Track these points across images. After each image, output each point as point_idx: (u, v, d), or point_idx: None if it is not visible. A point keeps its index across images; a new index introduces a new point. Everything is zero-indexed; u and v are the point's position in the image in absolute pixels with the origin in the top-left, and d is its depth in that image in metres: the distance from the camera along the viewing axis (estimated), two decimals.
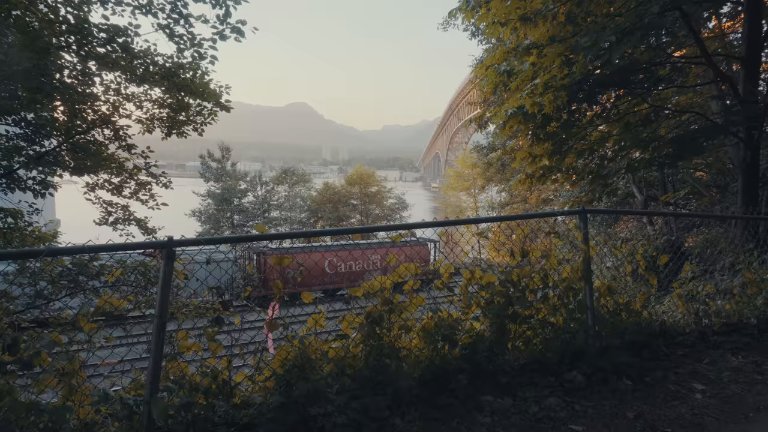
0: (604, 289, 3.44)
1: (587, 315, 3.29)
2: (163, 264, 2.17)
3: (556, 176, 8.29)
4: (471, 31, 15.82)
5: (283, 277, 2.50)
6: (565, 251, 3.39)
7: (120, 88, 8.08)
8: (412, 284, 2.86)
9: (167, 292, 2.17)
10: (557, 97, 6.19)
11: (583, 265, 3.24)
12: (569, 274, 3.27)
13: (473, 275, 3.00)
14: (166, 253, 2.16)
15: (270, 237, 2.33)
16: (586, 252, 3.25)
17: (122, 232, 9.14)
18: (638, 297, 3.62)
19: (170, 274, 2.18)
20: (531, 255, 3.15)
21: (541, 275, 3.21)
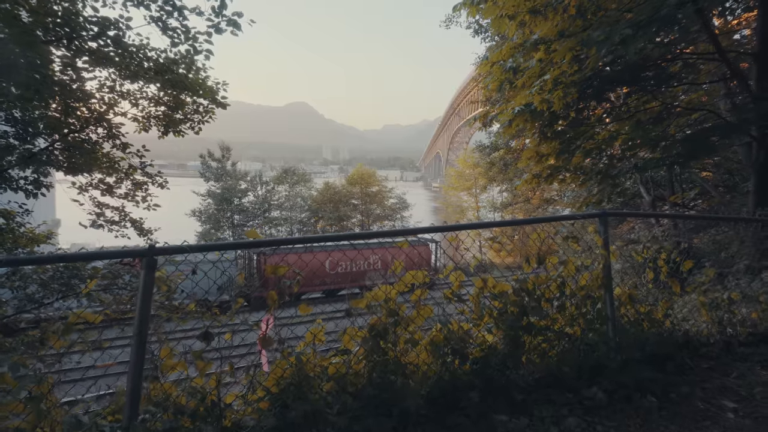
0: (625, 297, 3.20)
1: (607, 326, 3.05)
2: (143, 274, 1.94)
3: (563, 176, 8.06)
4: (474, 28, 15.60)
5: (278, 289, 2.27)
6: (583, 257, 3.15)
7: (115, 85, 7.86)
8: (420, 294, 2.63)
9: (147, 306, 1.94)
10: (567, 94, 5.96)
11: (604, 272, 3.01)
12: (588, 282, 3.03)
13: (485, 284, 2.76)
14: (147, 262, 1.93)
15: (263, 243, 2.10)
16: (606, 258, 3.01)
17: (117, 233, 8.92)
18: (660, 305, 3.39)
19: (151, 285, 1.95)
20: (548, 261, 2.91)
21: (558, 283, 2.97)
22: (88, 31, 5.34)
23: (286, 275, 2.30)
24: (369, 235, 2.42)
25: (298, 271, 2.24)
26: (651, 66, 7.11)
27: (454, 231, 2.61)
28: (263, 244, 2.08)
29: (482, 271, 3.12)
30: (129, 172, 8.75)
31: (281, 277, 2.19)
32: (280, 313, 2.47)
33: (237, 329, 2.22)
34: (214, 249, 2.02)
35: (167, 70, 6.13)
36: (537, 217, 2.91)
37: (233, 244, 1.97)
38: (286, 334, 2.35)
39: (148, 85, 6.97)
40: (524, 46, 6.73)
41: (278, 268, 2.18)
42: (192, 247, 1.99)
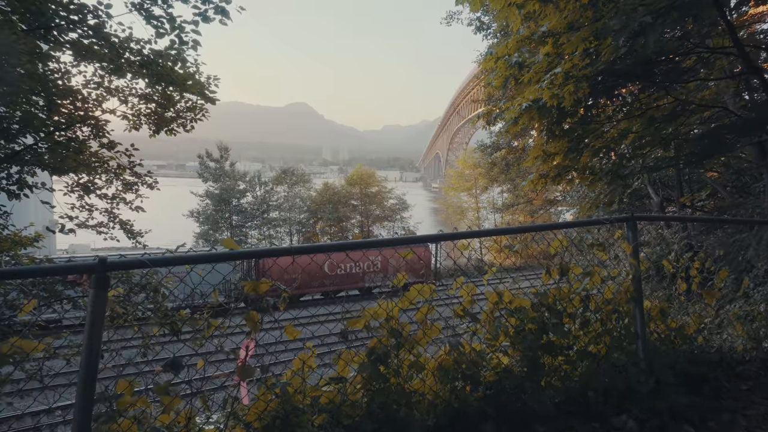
0: (655, 312, 2.86)
1: (637, 344, 2.71)
2: (91, 295, 1.59)
3: (570, 176, 7.70)
4: (475, 25, 15.26)
5: (260, 307, 1.92)
6: (609, 267, 2.81)
7: (103, 81, 7.52)
8: (426, 310, 2.28)
9: (97, 334, 1.59)
10: (578, 89, 5.61)
11: (633, 284, 2.66)
12: (615, 295, 2.69)
13: (501, 298, 2.42)
14: (96, 279, 1.59)
15: (244, 255, 1.76)
16: (636, 267, 2.67)
17: (106, 236, 8.56)
18: (692, 319, 3.04)
19: (102, 308, 1.60)
20: (571, 272, 2.57)
21: (582, 296, 2.62)
22: (64, 19, 4.99)
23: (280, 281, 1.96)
24: (377, 244, 2.05)
25: (283, 287, 1.89)
26: (663, 60, 6.77)
27: (468, 238, 2.26)
28: (240, 256, 1.73)
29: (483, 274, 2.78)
30: (118, 172, 8.40)
31: (262, 295, 1.84)
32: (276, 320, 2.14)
33: (210, 358, 1.87)
34: (179, 262, 1.68)
35: (152, 62, 5.78)
36: (562, 221, 2.60)
37: (205, 257, 1.61)
38: (270, 359, 2.01)
39: (134, 80, 6.62)
40: (531, 39, 6.38)
41: (259, 284, 1.83)
42: (154, 260, 1.65)
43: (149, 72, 5.82)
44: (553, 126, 6.87)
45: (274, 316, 1.95)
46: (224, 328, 1.81)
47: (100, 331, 1.61)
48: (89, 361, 1.58)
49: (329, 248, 2.07)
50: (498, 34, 14.40)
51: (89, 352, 1.58)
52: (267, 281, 1.93)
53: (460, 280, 2.38)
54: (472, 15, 15.55)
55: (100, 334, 1.61)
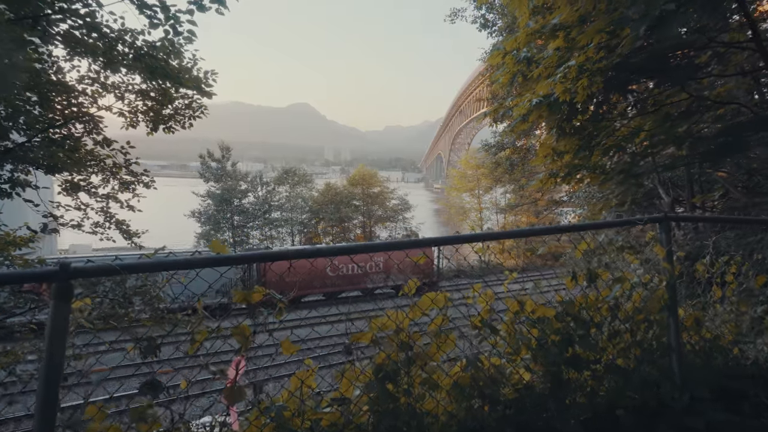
0: (690, 321, 2.60)
1: (671, 357, 2.45)
2: (52, 307, 1.35)
3: (580, 175, 7.44)
4: (480, 22, 15.00)
5: (255, 314, 1.68)
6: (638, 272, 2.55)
7: (99, 77, 7.29)
8: (441, 321, 2.03)
9: (59, 351, 1.35)
10: (592, 83, 5.36)
11: (668, 291, 2.41)
12: (647, 303, 2.43)
13: (522, 307, 2.17)
14: (57, 289, 1.35)
15: (231, 261, 1.51)
16: (670, 272, 2.42)
17: (102, 236, 8.34)
18: (727, 329, 2.79)
19: (64, 322, 1.36)
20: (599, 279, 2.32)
21: (611, 305, 2.37)
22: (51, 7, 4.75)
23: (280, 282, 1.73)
24: (373, 248, 1.79)
25: (279, 297, 1.65)
26: (679, 55, 6.51)
27: (487, 240, 2.01)
28: (227, 261, 1.49)
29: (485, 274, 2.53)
30: (114, 170, 8.17)
31: (256, 305, 1.60)
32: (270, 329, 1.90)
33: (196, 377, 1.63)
34: (157, 268, 1.44)
35: (146, 55, 5.54)
36: (587, 222, 2.34)
37: (186, 262, 1.39)
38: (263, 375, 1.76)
39: (129, 74, 6.39)
40: (542, 32, 6.13)
41: (251, 294, 1.59)
42: (126, 266, 1.40)
43: (143, 65, 5.58)
44: (563, 123, 6.62)
45: (268, 328, 1.71)
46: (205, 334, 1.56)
47: (62, 348, 1.37)
48: (48, 383, 1.34)
49: (327, 252, 1.82)
50: (503, 32, 14.15)
51: (49, 374, 1.34)
52: (261, 290, 1.68)
53: (477, 287, 2.13)
54: (477, 12, 15.32)
55: (61, 352, 1.36)
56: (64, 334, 1.37)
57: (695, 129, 7.40)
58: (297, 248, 1.90)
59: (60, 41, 5.41)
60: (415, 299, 1.98)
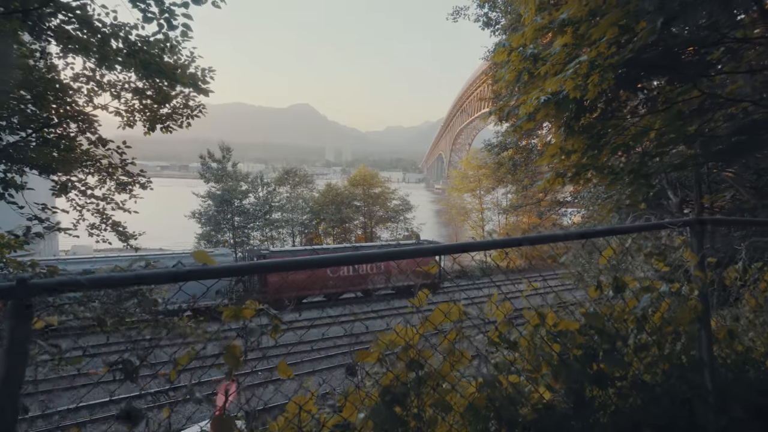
0: (722, 334, 2.40)
1: (703, 373, 2.25)
2: (7, 327, 1.16)
3: (589, 175, 7.24)
4: (483, 21, 14.80)
5: (247, 332, 1.49)
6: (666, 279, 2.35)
7: (94, 75, 7.12)
8: (456, 336, 1.83)
9: (16, 377, 1.16)
10: (603, 79, 5.16)
11: (701, 301, 2.21)
12: (677, 313, 2.23)
13: (543, 320, 1.97)
14: (13, 307, 1.16)
15: (219, 273, 1.32)
16: (703, 280, 2.22)
17: (99, 238, 8.16)
18: (761, 341, 2.59)
19: (23, 344, 1.17)
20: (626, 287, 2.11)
21: (638, 316, 2.17)
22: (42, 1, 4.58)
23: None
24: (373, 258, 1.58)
25: (273, 313, 1.45)
26: (691, 51, 6.32)
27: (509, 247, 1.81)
28: (215, 273, 1.29)
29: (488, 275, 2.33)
30: (111, 171, 7.99)
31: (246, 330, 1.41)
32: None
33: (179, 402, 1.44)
34: (130, 283, 1.25)
35: (140, 50, 5.35)
36: (614, 226, 2.16)
37: (166, 275, 1.20)
38: (256, 402, 1.57)
39: (123, 71, 6.20)
40: (550, 27, 5.93)
41: (241, 309, 1.40)
42: (93, 280, 1.21)
43: (137, 61, 5.39)
44: (571, 122, 6.42)
45: (263, 347, 1.51)
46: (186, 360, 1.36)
47: (20, 375, 1.18)
48: (4, 414, 1.15)
49: (327, 263, 1.62)
50: (506, 31, 13.95)
51: (4, 403, 1.15)
52: (254, 303, 1.49)
53: (494, 297, 1.93)
54: (479, 10, 15.12)
55: (19, 378, 1.17)
56: (23, 357, 1.18)
57: (707, 128, 7.19)
58: (294, 259, 1.68)
59: (52, 37, 5.22)
60: (426, 312, 1.78)
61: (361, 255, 1.65)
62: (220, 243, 33.71)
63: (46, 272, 5.91)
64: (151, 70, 5.55)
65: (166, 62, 5.55)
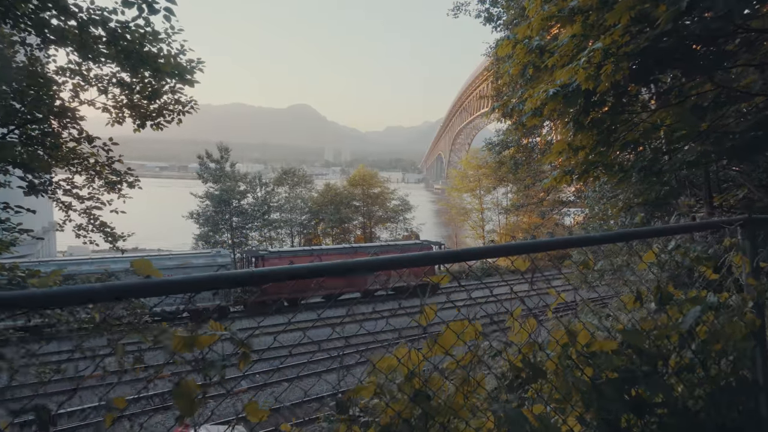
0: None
1: (758, 398, 1.93)
2: None
3: (598, 173, 6.92)
4: (484, 16, 14.48)
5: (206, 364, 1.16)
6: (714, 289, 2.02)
7: (80, 69, 6.78)
8: (470, 359, 1.50)
9: None
10: (617, 69, 4.84)
11: (757, 313, 1.89)
12: (726, 328, 1.91)
13: (574, 338, 1.64)
14: None
15: (189, 286, 0.99)
16: (759, 289, 1.90)
17: (85, 239, 7.82)
18: None
19: None
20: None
21: (683, 332, 1.84)
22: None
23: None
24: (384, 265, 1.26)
25: (240, 339, 1.13)
26: (706, 42, 6.00)
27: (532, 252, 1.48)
28: (183, 287, 0.97)
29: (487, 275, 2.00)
30: (99, 169, 7.66)
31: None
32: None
33: None
34: (79, 300, 0.93)
35: (121, 37, 5.02)
36: (658, 226, 1.84)
37: (130, 288, 0.90)
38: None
39: (107, 62, 5.86)
40: (559, 16, 5.62)
41: (197, 338, 1.07)
42: (26, 297, 0.89)
43: (118, 49, 5.05)
44: (580, 117, 6.10)
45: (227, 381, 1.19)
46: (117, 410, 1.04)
47: None
48: None
49: (328, 270, 1.29)
50: (509, 26, 13.64)
51: None
52: (217, 326, 1.16)
53: (517, 311, 1.60)
54: (480, 6, 14.82)
55: None
56: None
57: (720, 124, 6.89)
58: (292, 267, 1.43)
59: (29, 26, 4.89)
60: (434, 331, 1.45)
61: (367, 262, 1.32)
62: (218, 244, 33.41)
63: (24, 276, 5.59)
64: (133, 60, 5.21)
65: (148, 51, 5.21)
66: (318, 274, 1.27)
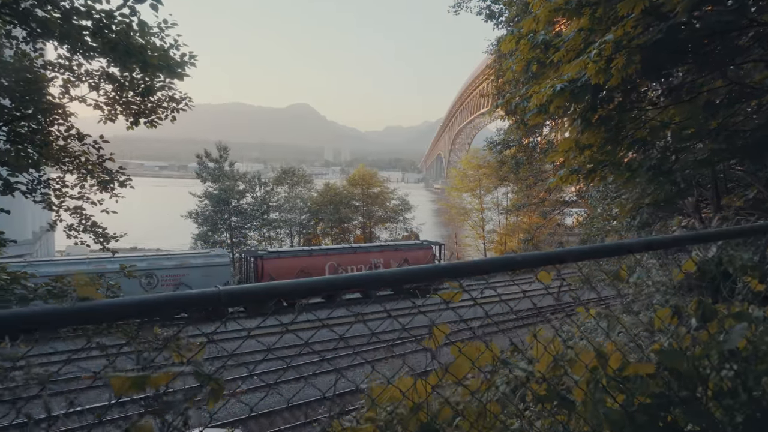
0: None
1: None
2: None
3: (605, 172, 6.69)
4: (485, 14, 14.26)
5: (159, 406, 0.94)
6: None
7: (71, 64, 6.56)
8: (487, 388, 1.28)
9: None
10: (629, 63, 4.61)
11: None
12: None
13: (605, 362, 1.41)
14: None
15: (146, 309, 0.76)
16: None
17: (77, 239, 7.59)
18: None
19: None
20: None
21: (724, 352, 1.62)
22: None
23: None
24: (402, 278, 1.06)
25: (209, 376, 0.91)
26: (717, 37, 5.78)
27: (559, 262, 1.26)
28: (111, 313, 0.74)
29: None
30: (91, 168, 7.43)
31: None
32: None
33: None
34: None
35: (106, 27, 4.78)
36: (701, 232, 1.64)
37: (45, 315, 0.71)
38: None
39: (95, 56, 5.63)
40: (566, 8, 5.40)
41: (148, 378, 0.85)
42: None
43: (104, 41, 4.82)
44: (588, 113, 5.88)
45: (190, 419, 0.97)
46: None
47: None
48: None
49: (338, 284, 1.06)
50: (510, 23, 13.42)
51: None
52: (178, 357, 0.94)
53: (540, 332, 1.38)
54: (482, 3, 14.59)
55: None
56: None
57: (731, 121, 6.68)
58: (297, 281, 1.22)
59: (10, 14, 4.66)
60: (445, 361, 1.22)
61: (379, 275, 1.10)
62: (217, 243, 33.18)
63: (9, 279, 5.37)
64: (120, 52, 4.98)
65: (134, 42, 4.97)
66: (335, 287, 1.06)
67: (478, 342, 1.25)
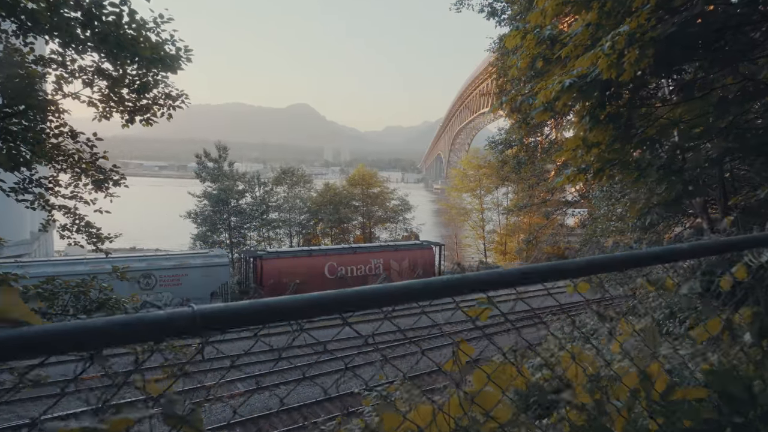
0: None
1: None
2: None
3: (612, 172, 6.51)
4: (487, 11, 14.07)
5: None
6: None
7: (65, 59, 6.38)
8: (508, 419, 1.10)
9: None
10: (643, 56, 4.42)
11: None
12: None
13: (651, 385, 1.22)
14: None
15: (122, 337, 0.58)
16: None
17: (71, 240, 7.41)
18: None
19: None
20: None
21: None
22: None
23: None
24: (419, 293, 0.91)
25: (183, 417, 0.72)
26: (729, 32, 5.60)
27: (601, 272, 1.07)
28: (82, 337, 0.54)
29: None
30: (85, 167, 7.24)
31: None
32: None
33: None
34: None
35: (96, 18, 4.59)
36: (756, 234, 1.49)
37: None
38: None
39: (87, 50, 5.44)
40: (574, 2, 5.21)
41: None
42: None
43: (94, 32, 4.64)
44: (596, 110, 5.69)
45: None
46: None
47: None
48: None
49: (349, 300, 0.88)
50: (513, 20, 13.24)
51: None
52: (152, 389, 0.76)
53: (575, 349, 1.19)
54: (484, 0, 14.41)
55: None
56: None
57: (742, 119, 6.50)
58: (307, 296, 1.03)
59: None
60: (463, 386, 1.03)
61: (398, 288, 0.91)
62: (216, 243, 33.00)
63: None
64: (111, 44, 4.79)
65: (125, 34, 4.77)
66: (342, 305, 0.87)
67: (507, 364, 1.06)
